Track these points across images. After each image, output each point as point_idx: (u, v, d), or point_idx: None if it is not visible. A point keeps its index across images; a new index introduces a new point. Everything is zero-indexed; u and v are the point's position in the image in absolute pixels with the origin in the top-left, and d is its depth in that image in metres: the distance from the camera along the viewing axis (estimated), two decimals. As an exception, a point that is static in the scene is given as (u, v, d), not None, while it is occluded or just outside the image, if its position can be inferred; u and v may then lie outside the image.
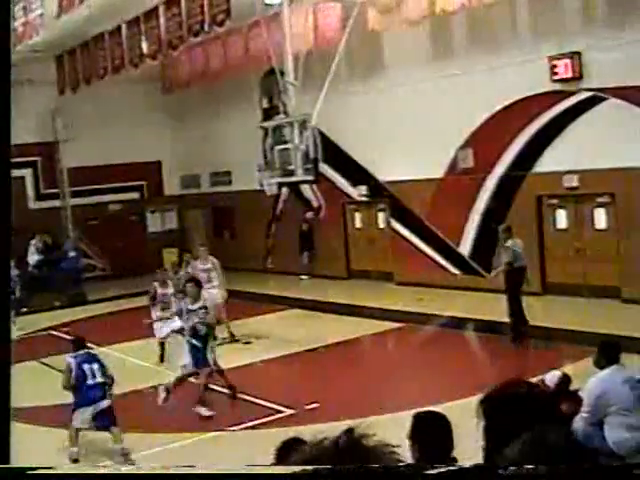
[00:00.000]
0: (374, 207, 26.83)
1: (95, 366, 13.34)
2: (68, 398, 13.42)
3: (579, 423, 7.94)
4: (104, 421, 13.04)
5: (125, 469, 1.69)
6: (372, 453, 1.76)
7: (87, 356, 13.55)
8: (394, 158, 24.57)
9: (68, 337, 22.53)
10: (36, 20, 24.46)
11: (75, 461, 12.97)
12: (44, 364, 19.76)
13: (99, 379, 13.18)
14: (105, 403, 13.09)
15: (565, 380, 7.98)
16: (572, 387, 8.15)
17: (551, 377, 7.83)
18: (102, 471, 1.74)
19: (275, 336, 19.31)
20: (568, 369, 10.65)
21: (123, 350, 20.26)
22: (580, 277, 20.74)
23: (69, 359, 13.46)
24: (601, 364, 8.82)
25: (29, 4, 24.74)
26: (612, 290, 19.84)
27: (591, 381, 8.63)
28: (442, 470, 1.70)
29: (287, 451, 4.62)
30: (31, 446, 14.02)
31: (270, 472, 1.71)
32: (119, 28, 25.67)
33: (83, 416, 13.02)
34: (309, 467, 1.68)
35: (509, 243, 18.07)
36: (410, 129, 23.69)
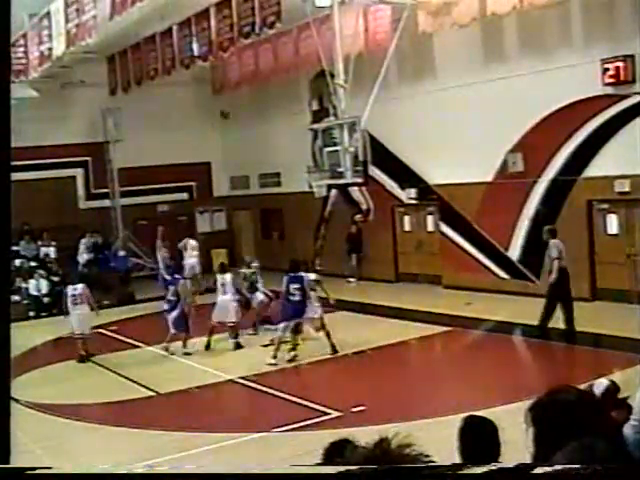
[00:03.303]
0: (423, 210, 26.75)
1: (171, 289, 20.44)
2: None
3: (628, 431, 7.83)
4: (175, 325, 19.89)
5: (124, 469, 1.69)
6: (407, 462, 1.75)
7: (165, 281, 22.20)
8: (444, 161, 24.49)
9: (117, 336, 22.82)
10: (89, 22, 24.62)
11: (187, 354, 19.67)
12: (92, 362, 19.96)
13: (170, 297, 20.20)
14: (174, 313, 19.85)
15: (613, 388, 7.87)
16: (621, 395, 8.04)
17: (599, 385, 7.73)
18: (101, 471, 1.74)
19: (322, 338, 19.28)
20: (617, 376, 10.51)
21: (171, 349, 20.37)
22: (631, 283, 20.51)
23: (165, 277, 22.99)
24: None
25: (82, 6, 24.92)
26: (663, 296, 19.61)
27: (641, 388, 8.50)
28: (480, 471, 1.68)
29: (335, 453, 4.62)
30: (74, 442, 14.24)
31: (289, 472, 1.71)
32: (170, 29, 25.83)
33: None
34: (352, 467, 1.68)
35: (552, 242, 18.33)
36: (460, 132, 23.58)
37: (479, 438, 5.68)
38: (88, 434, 14.62)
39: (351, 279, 28.45)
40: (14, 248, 28.12)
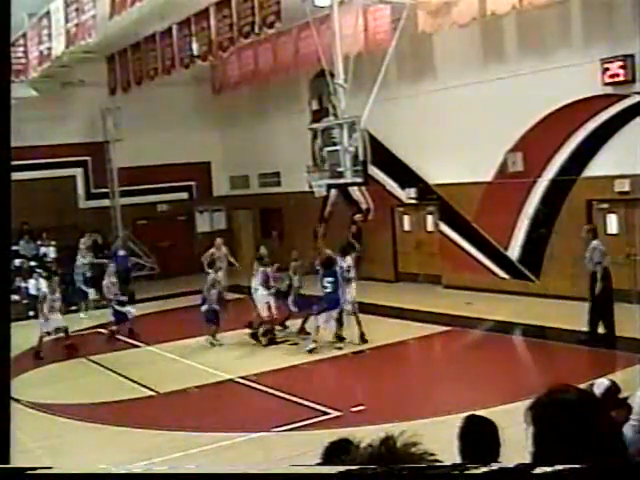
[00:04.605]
0: (423, 210, 26.74)
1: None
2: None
3: (628, 431, 7.83)
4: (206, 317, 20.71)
5: (124, 469, 1.69)
6: (412, 461, 1.75)
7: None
8: (443, 161, 24.49)
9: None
10: (88, 22, 24.60)
11: (214, 336, 20.48)
12: (92, 361, 19.97)
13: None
14: (205, 307, 20.69)
15: (614, 388, 7.87)
16: (621, 395, 8.04)
17: (599, 385, 7.73)
18: (101, 471, 1.74)
19: (322, 337, 19.30)
20: (617, 376, 10.51)
21: (170, 349, 20.39)
22: (630, 283, 20.49)
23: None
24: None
25: (81, 5, 24.90)
26: (663, 296, 19.58)
27: (641, 388, 8.49)
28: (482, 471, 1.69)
29: (335, 452, 4.62)
30: (71, 441, 14.24)
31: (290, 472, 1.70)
32: (170, 29, 25.83)
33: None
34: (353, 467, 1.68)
35: (594, 244, 17.54)
36: (460, 132, 23.58)
37: (479, 438, 5.69)
38: (88, 434, 14.62)
39: (351, 279, 28.39)
40: (14, 248, 28.12)
